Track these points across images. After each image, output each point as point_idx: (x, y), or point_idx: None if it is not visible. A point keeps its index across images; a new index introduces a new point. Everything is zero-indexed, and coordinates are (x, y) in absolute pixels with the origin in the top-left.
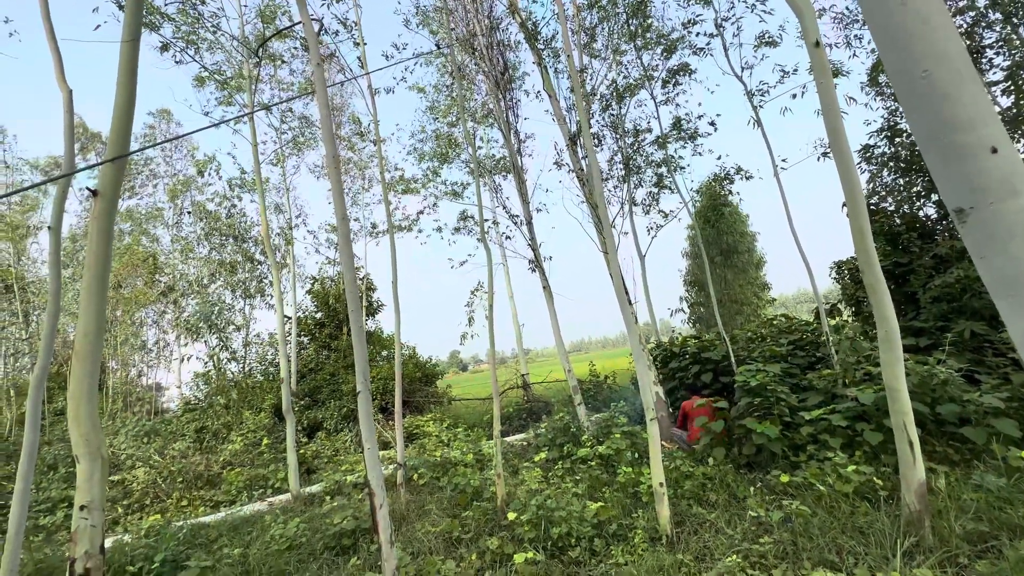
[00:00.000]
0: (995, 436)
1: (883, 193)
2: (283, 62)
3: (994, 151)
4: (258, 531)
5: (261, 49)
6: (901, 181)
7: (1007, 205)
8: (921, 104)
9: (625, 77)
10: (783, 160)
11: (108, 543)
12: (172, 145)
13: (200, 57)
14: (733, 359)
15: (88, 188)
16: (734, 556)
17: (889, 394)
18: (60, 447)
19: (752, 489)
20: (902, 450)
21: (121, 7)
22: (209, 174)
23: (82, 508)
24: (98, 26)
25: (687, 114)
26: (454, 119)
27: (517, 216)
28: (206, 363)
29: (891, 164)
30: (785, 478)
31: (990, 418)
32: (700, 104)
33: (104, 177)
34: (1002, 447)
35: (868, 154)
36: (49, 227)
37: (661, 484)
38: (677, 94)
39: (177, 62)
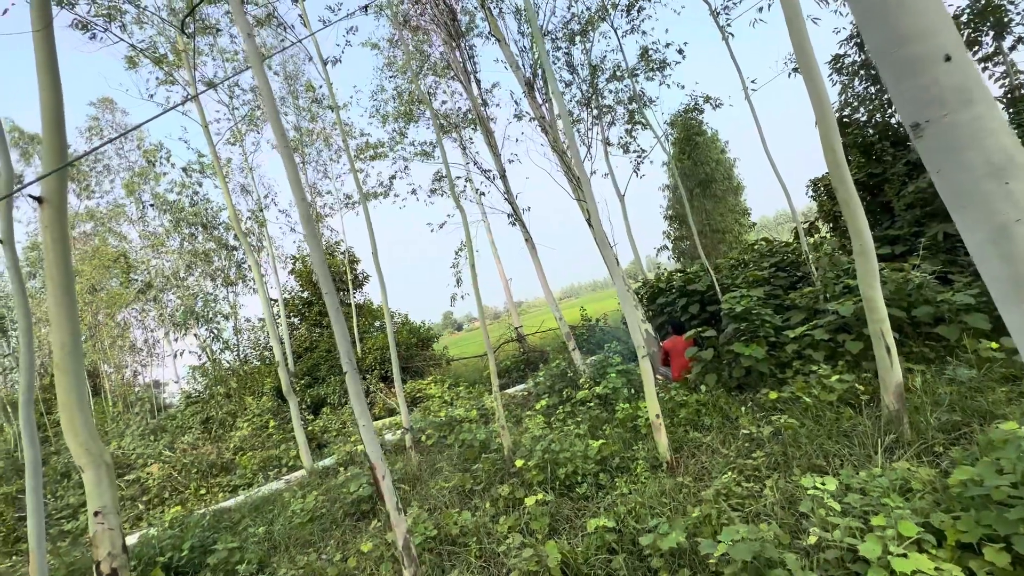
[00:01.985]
0: (967, 331)
1: (855, 104)
2: (218, 31)
3: (948, 59)
4: (279, 508)
5: (190, 19)
6: (872, 89)
7: (961, 115)
8: (875, 16)
9: (587, 8)
10: (753, 81)
11: (135, 538)
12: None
13: (129, 34)
14: (718, 288)
15: (32, 196)
16: (729, 472)
17: (866, 304)
18: (69, 456)
19: (743, 409)
20: (880, 355)
21: None
22: (161, 163)
23: (96, 514)
24: (5, 10)
25: (654, 42)
26: (413, 74)
27: (490, 171)
28: (199, 355)
29: (862, 72)
30: (774, 395)
31: (962, 314)
32: (668, 31)
33: (48, 182)
34: (973, 341)
35: (838, 64)
36: (1, 241)
37: (657, 416)
38: (642, 20)
39: (91, 37)
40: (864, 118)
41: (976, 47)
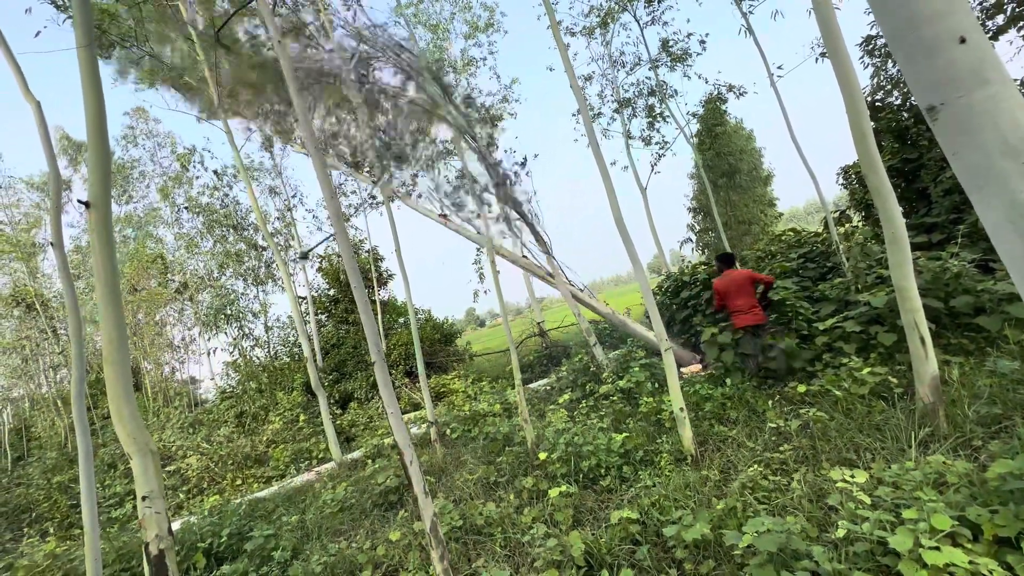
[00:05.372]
0: (1009, 321)
1: (888, 87)
2: (255, 36)
3: (962, 41)
4: (310, 498)
5: (220, 33)
6: None
7: (976, 96)
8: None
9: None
10: (779, 67)
11: (177, 525)
12: (155, 143)
13: (164, 51)
14: None
15: (79, 200)
16: (756, 466)
17: (899, 294)
18: (115, 447)
19: (770, 402)
20: (914, 347)
21: (58, 7)
22: (194, 166)
23: (144, 499)
24: (38, 32)
25: (675, 33)
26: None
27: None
28: (232, 352)
29: None
30: (802, 388)
31: (1005, 304)
32: (688, 21)
33: (93, 188)
34: (1016, 331)
35: (870, 46)
36: (52, 244)
37: (682, 409)
38: (663, 11)
39: (134, 61)
40: (898, 101)
41: (1021, 22)
